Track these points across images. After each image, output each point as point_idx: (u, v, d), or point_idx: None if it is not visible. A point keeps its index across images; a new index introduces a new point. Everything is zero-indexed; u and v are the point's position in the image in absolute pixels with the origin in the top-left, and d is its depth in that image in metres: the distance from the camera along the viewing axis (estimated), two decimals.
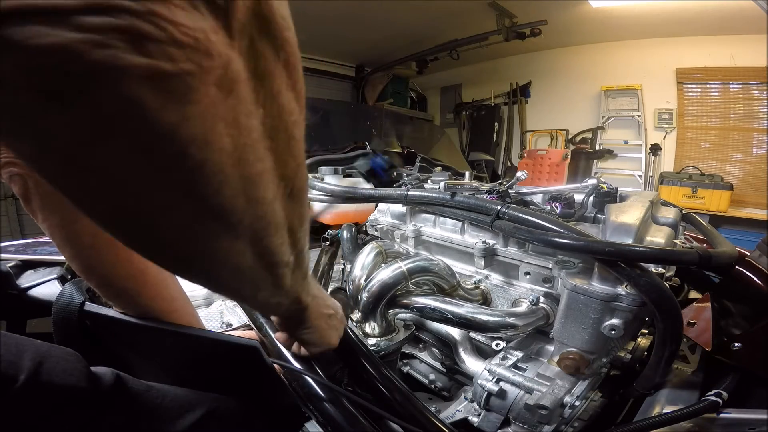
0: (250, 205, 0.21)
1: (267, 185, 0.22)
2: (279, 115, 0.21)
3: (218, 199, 0.19)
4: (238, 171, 0.19)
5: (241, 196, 0.20)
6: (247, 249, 0.24)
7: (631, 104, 3.99)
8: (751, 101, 3.37)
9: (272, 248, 0.26)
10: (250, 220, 0.22)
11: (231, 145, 0.18)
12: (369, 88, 5.58)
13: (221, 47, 0.16)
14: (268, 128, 0.20)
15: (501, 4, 3.57)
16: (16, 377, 0.33)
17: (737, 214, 3.33)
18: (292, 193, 0.25)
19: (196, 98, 0.16)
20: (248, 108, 0.19)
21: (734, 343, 0.61)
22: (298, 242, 0.29)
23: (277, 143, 0.21)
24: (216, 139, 0.18)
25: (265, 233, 0.24)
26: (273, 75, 0.20)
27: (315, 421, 0.48)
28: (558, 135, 4.56)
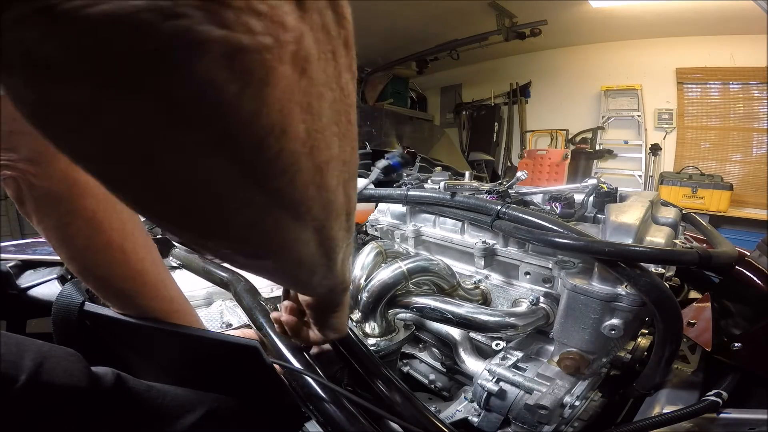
0: (319, 194, 0.20)
1: (332, 172, 0.20)
2: (342, 98, 0.19)
3: (291, 191, 0.18)
4: (311, 159, 0.18)
5: (312, 185, 0.19)
6: (312, 238, 0.23)
7: (631, 104, 3.99)
8: (751, 101, 3.37)
9: (332, 234, 0.25)
10: (318, 209, 0.21)
11: (305, 132, 0.16)
12: (369, 88, 5.58)
13: (294, 19, 0.14)
14: (334, 112, 0.19)
15: (501, 4, 3.57)
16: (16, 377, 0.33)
17: (737, 214, 3.33)
18: (350, 178, 0.24)
19: (275, 79, 0.13)
20: (319, 90, 0.17)
21: (734, 343, 0.61)
22: (352, 226, 0.29)
23: (340, 127, 0.20)
24: (293, 127, 0.16)
25: (328, 221, 0.23)
26: (336, 54, 0.18)
27: (315, 421, 0.48)
28: (558, 135, 4.56)
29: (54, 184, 0.39)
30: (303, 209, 0.20)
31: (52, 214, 0.41)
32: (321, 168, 0.19)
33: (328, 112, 0.18)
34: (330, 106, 0.18)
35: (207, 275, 0.82)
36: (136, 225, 0.47)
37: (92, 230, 0.42)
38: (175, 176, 0.15)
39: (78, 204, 0.41)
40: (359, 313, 0.72)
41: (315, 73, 0.16)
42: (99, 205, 0.42)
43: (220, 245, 0.20)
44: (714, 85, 3.54)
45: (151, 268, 0.47)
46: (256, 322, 0.59)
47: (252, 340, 0.46)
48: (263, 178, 0.16)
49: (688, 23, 3.33)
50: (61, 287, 0.53)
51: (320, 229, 0.23)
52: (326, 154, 0.19)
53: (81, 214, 0.41)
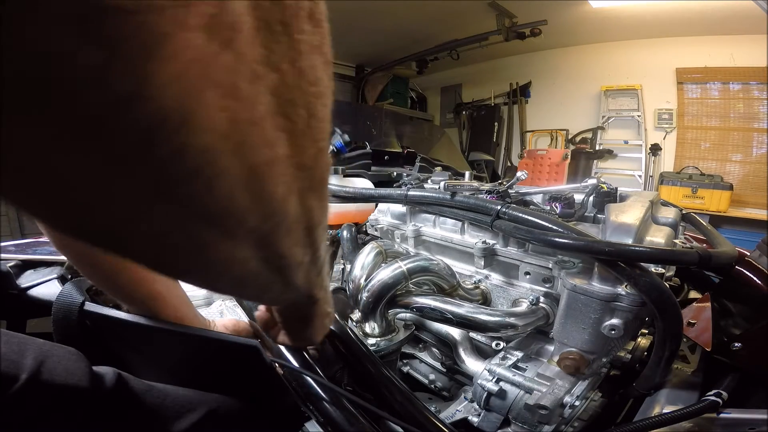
0: (255, 204, 0.16)
1: (278, 177, 0.17)
2: (298, 84, 0.15)
3: (211, 198, 0.14)
4: (239, 160, 0.14)
5: (242, 192, 0.15)
6: (252, 256, 0.19)
7: (631, 104, 3.99)
8: (751, 101, 3.37)
9: (282, 251, 0.21)
10: (256, 221, 0.17)
11: (227, 122, 0.13)
12: (369, 88, 5.58)
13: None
14: (283, 101, 0.15)
15: (501, 4, 3.57)
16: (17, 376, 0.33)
17: (737, 214, 3.33)
18: (312, 186, 0.19)
19: (171, 51, 0.10)
20: (254, 69, 0.13)
21: (734, 343, 0.61)
22: (315, 241, 0.24)
23: (293, 122, 0.16)
24: (204, 115, 0.12)
25: (274, 236, 0.19)
26: (292, 27, 0.14)
27: (315, 421, 0.48)
28: (558, 135, 4.57)
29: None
30: (233, 222, 0.16)
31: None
32: (258, 171, 0.15)
33: (269, 99, 0.14)
34: (274, 91, 0.14)
35: None
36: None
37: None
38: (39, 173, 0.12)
39: None
40: (359, 313, 0.72)
41: (247, 47, 0.13)
42: None
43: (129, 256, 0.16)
44: (714, 85, 3.54)
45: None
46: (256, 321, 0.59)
47: (252, 340, 0.46)
48: (163, 182, 0.13)
49: (688, 23, 3.33)
50: (62, 287, 0.53)
51: (263, 245, 0.19)
52: (265, 153, 0.15)
53: None
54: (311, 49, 0.15)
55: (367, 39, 4.52)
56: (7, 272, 0.76)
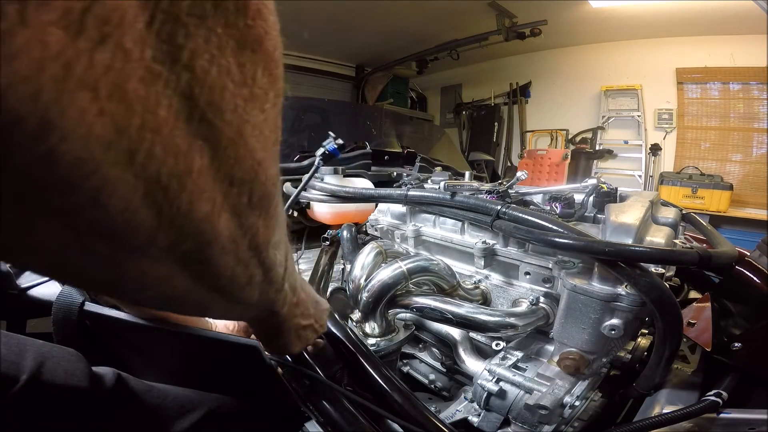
0: (163, 221, 0.14)
1: (196, 193, 0.15)
2: (222, 84, 0.13)
3: (101, 214, 0.13)
4: (132, 171, 0.12)
5: (144, 207, 0.14)
6: (176, 273, 0.17)
7: (631, 104, 3.99)
8: (751, 101, 3.37)
9: (218, 272, 0.19)
10: (169, 240, 0.15)
11: (110, 128, 0.11)
12: (369, 88, 5.59)
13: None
14: (199, 104, 0.13)
15: (501, 4, 3.57)
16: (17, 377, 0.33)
17: (737, 214, 3.33)
18: (251, 203, 0.18)
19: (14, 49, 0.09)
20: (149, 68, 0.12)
21: (734, 343, 0.61)
22: (267, 259, 0.22)
23: (217, 128, 0.14)
24: (75, 120, 0.11)
25: (203, 255, 0.17)
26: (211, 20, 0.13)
27: (315, 421, 0.48)
28: (558, 135, 4.57)
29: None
30: (138, 240, 0.14)
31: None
32: (160, 184, 0.13)
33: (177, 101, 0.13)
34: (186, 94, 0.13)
35: None
36: None
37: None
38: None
39: None
40: (359, 313, 0.72)
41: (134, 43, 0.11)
42: None
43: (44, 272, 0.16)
44: (714, 85, 3.54)
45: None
46: None
47: (252, 340, 0.46)
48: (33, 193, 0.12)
49: (688, 23, 3.33)
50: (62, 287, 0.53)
51: (189, 264, 0.17)
52: (171, 164, 0.13)
53: None
54: (241, 45, 0.14)
55: (367, 39, 4.52)
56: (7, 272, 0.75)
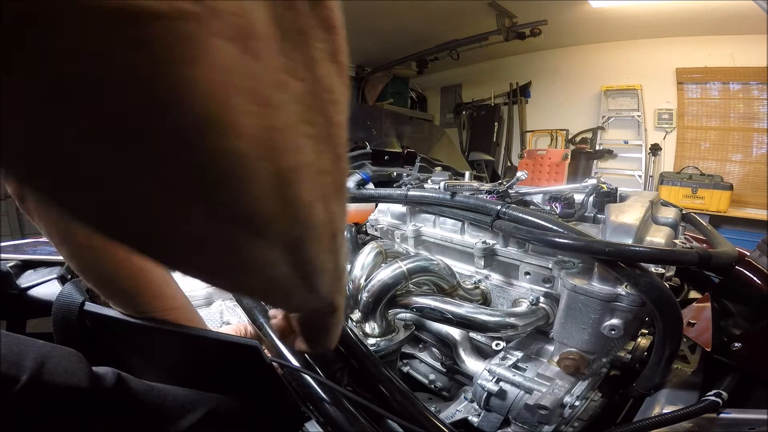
0: (285, 208, 0.16)
1: (305, 182, 0.17)
2: (316, 91, 0.16)
3: (245, 203, 0.14)
4: (269, 165, 0.14)
5: (274, 197, 0.15)
6: (282, 260, 0.19)
7: (631, 104, 3.99)
8: (751, 101, 3.37)
9: (310, 257, 0.21)
10: (286, 225, 0.17)
11: (259, 128, 0.13)
12: (369, 88, 5.58)
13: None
14: (305, 109, 0.15)
15: (501, 4, 3.57)
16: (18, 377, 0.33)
17: (737, 214, 3.33)
18: (335, 192, 0.20)
19: (202, 56, 0.11)
20: (279, 78, 0.13)
21: (734, 343, 0.61)
22: (339, 247, 0.24)
23: (315, 129, 0.16)
24: (236, 120, 0.12)
25: (303, 241, 0.19)
26: (309, 37, 0.15)
27: (315, 421, 0.48)
28: (558, 135, 4.56)
29: None
30: (265, 225, 0.16)
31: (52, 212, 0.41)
32: (286, 176, 0.16)
33: (295, 106, 0.15)
34: (298, 100, 0.15)
35: None
36: None
37: None
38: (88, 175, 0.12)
39: None
40: (359, 313, 0.72)
41: (270, 55, 0.13)
42: None
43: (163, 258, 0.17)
44: (714, 85, 3.54)
45: (153, 265, 0.47)
46: (256, 321, 0.59)
47: (252, 340, 0.46)
48: (200, 185, 0.13)
49: (688, 23, 3.33)
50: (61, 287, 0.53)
51: (293, 249, 0.19)
52: (293, 158, 0.15)
53: None
54: (327, 57, 0.16)
55: (367, 39, 4.51)
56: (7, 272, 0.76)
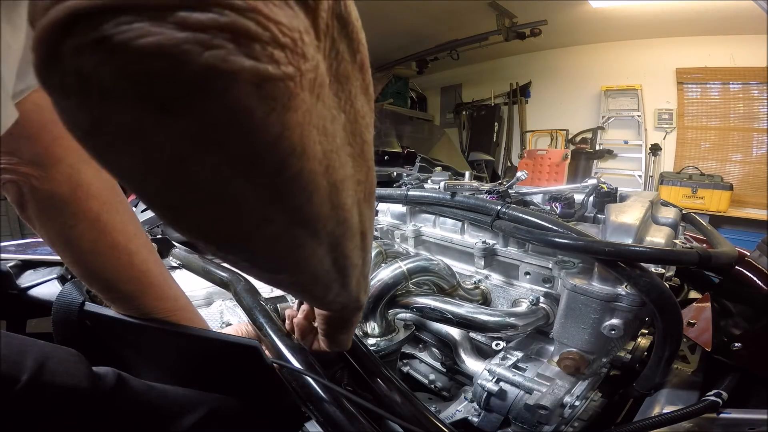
0: (333, 212, 0.21)
1: (347, 191, 0.21)
2: (355, 119, 0.20)
3: (309, 208, 0.19)
4: (326, 178, 0.18)
5: (327, 203, 0.20)
6: (326, 255, 0.23)
7: (631, 104, 3.99)
8: (751, 101, 3.37)
9: (347, 253, 0.25)
10: (333, 226, 0.21)
11: (321, 152, 0.17)
12: None
13: (313, 49, 0.15)
14: (348, 134, 0.20)
15: (501, 4, 3.57)
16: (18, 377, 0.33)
17: (737, 214, 3.33)
18: (366, 197, 0.25)
19: (296, 105, 0.14)
20: (333, 113, 0.18)
21: (734, 343, 0.61)
22: (368, 246, 0.29)
23: (354, 148, 0.21)
24: (311, 147, 0.16)
25: (343, 239, 0.23)
26: (350, 78, 0.19)
27: (315, 421, 0.48)
28: (558, 135, 4.56)
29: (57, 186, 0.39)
30: (319, 226, 0.20)
31: (56, 217, 0.41)
32: (336, 186, 0.20)
33: (342, 133, 0.19)
34: (344, 128, 0.19)
35: (207, 275, 0.82)
36: (137, 226, 0.47)
37: (97, 232, 0.42)
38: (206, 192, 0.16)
39: (82, 206, 0.41)
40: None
41: (328, 97, 0.17)
42: (103, 207, 0.42)
43: (241, 257, 0.20)
44: (714, 85, 3.54)
45: (155, 267, 0.47)
46: (256, 322, 0.59)
47: (252, 340, 0.46)
48: (285, 195, 0.17)
49: (688, 23, 3.33)
50: (61, 287, 0.53)
51: (335, 246, 0.23)
52: (341, 173, 0.20)
53: (86, 216, 0.41)
54: (361, 91, 0.20)
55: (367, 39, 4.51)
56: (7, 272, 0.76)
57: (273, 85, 0.13)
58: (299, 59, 0.14)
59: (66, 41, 0.11)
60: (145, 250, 0.46)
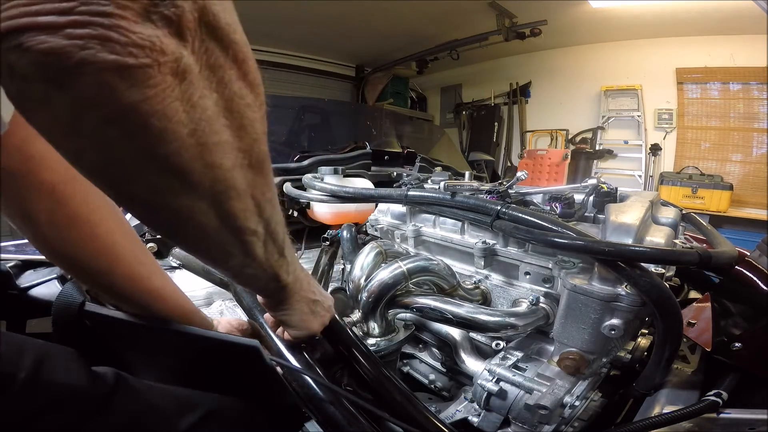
0: (208, 169, 0.26)
1: (224, 154, 0.27)
2: (231, 98, 0.26)
3: (178, 161, 0.24)
4: (195, 139, 0.24)
5: (198, 160, 0.25)
6: (210, 210, 0.28)
7: (631, 104, 3.99)
8: (751, 101, 3.37)
9: (235, 212, 0.30)
10: (210, 182, 0.27)
11: (187, 118, 0.23)
12: (369, 88, 5.58)
13: (173, 47, 0.22)
14: (222, 109, 0.26)
15: (501, 4, 3.58)
16: (16, 375, 0.33)
17: (737, 214, 3.34)
18: (251, 164, 0.29)
19: (153, 83, 0.21)
20: (201, 91, 0.24)
21: (734, 343, 0.61)
22: (264, 212, 0.33)
23: (232, 121, 0.27)
24: (172, 113, 0.23)
25: (225, 196, 0.29)
26: (223, 67, 0.25)
27: (315, 421, 0.48)
28: (558, 135, 4.57)
29: (8, 159, 0.38)
30: (194, 179, 0.26)
31: (11, 192, 0.40)
32: (208, 148, 0.25)
33: (214, 107, 0.25)
34: (216, 103, 0.25)
35: (207, 275, 0.82)
36: (102, 198, 0.44)
37: (54, 203, 0.41)
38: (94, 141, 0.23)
39: (36, 178, 0.40)
40: (359, 313, 0.72)
41: (196, 79, 0.23)
42: (58, 177, 0.41)
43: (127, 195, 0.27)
44: (714, 85, 3.54)
45: (123, 241, 0.45)
46: (256, 321, 0.59)
47: (252, 340, 0.46)
48: (153, 147, 0.23)
49: (688, 23, 3.33)
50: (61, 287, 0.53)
51: (218, 203, 0.29)
52: (214, 138, 0.26)
53: (40, 187, 0.40)
54: (238, 78, 0.26)
55: (367, 39, 4.52)
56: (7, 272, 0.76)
57: (132, 70, 0.20)
58: (157, 54, 0.21)
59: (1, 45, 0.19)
60: (112, 223, 0.44)
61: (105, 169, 0.25)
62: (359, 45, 4.73)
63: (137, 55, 0.20)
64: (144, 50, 0.21)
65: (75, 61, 0.19)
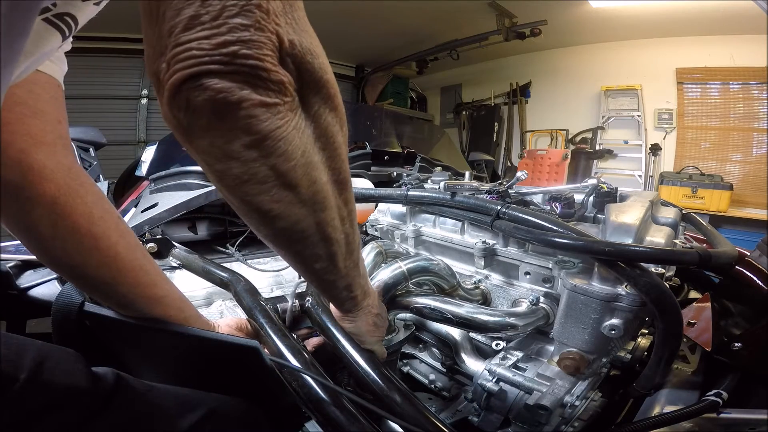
0: (311, 182, 0.34)
1: (321, 171, 0.34)
2: (326, 127, 0.34)
3: (294, 175, 0.32)
4: (304, 159, 0.32)
5: (305, 175, 0.33)
6: (309, 216, 0.35)
7: (631, 104, 3.99)
8: (751, 101, 3.37)
9: (327, 220, 0.37)
10: (312, 193, 0.34)
11: (300, 142, 0.31)
12: (369, 88, 5.59)
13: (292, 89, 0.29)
14: (317, 135, 0.33)
15: (501, 4, 3.58)
16: (16, 376, 0.33)
17: (737, 214, 3.33)
18: (338, 179, 0.37)
19: (282, 116, 0.29)
20: (305, 121, 0.32)
21: (734, 343, 0.61)
22: (344, 221, 0.40)
23: (325, 145, 0.34)
24: (292, 138, 0.30)
25: (321, 206, 0.36)
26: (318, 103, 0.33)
27: (315, 421, 0.48)
28: (558, 135, 4.57)
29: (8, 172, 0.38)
30: (300, 190, 0.33)
31: (11, 203, 0.39)
32: (311, 164, 0.33)
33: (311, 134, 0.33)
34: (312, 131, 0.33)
35: (207, 275, 0.82)
36: (105, 209, 0.45)
37: (56, 216, 0.41)
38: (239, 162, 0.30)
39: (36, 190, 0.40)
40: None
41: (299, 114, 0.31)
42: (59, 190, 0.41)
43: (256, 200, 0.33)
44: (714, 85, 3.54)
45: (126, 252, 0.45)
46: (256, 321, 0.59)
47: (252, 341, 0.46)
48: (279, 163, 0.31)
49: (688, 23, 3.33)
50: (61, 287, 0.53)
51: (314, 212, 0.35)
52: (314, 158, 0.33)
53: (41, 200, 0.40)
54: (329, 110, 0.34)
55: (367, 39, 4.52)
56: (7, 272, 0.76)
57: (271, 107, 0.28)
58: (282, 95, 0.29)
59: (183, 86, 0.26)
60: (114, 234, 0.44)
61: (242, 186, 0.31)
62: (359, 45, 4.73)
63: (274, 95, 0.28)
64: (277, 94, 0.28)
65: (236, 98, 0.26)
